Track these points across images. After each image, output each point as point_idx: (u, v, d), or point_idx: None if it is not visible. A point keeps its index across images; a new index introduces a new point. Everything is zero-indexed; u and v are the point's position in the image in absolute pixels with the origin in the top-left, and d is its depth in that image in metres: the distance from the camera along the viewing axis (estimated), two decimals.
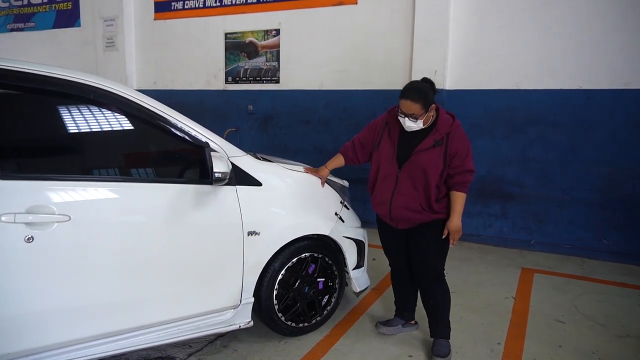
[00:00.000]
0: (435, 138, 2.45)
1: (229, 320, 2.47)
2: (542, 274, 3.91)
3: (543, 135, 4.38)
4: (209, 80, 6.00)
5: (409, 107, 2.38)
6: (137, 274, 2.14)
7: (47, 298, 1.94)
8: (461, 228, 2.54)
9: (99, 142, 2.26)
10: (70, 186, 1.97)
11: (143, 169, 2.32)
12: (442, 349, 2.59)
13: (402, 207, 2.53)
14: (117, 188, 2.08)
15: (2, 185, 1.82)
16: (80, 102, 2.10)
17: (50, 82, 2.00)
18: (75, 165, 2.16)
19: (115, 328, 2.14)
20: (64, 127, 2.10)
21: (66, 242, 1.94)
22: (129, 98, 2.16)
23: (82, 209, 1.97)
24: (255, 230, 2.43)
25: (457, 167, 2.46)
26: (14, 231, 1.82)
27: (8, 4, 7.64)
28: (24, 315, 1.90)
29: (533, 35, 4.30)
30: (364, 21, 4.94)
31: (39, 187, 1.90)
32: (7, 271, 1.83)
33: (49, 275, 1.93)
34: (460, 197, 2.50)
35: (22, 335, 1.91)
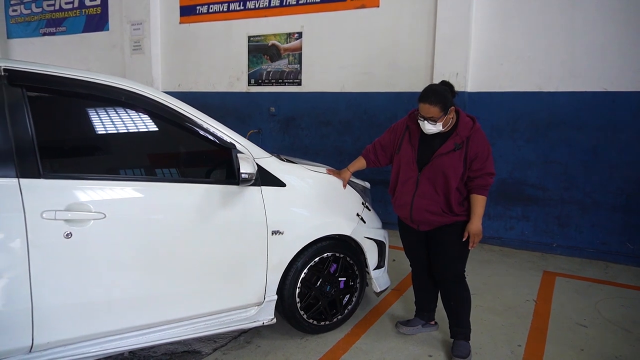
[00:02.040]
0: (455, 141, 2.47)
1: (253, 317, 2.55)
2: (564, 278, 3.89)
3: (566, 137, 4.34)
4: (232, 83, 6.12)
5: (428, 110, 2.41)
6: (167, 270, 2.23)
7: (83, 291, 2.04)
8: (481, 231, 2.55)
9: (132, 144, 2.37)
10: (105, 185, 2.07)
11: (173, 169, 2.41)
12: (462, 350, 2.61)
13: (422, 209, 2.55)
14: (148, 187, 2.18)
15: (43, 184, 1.93)
16: (115, 105, 2.21)
17: (86, 86, 2.11)
18: (110, 165, 2.27)
19: (146, 321, 2.23)
20: (100, 130, 2.21)
21: (101, 239, 2.04)
22: (159, 101, 2.25)
23: (116, 207, 2.07)
24: (279, 230, 2.50)
25: (477, 170, 2.47)
26: (55, 227, 1.93)
27: (41, 9, 7.92)
28: (62, 306, 2.00)
29: (557, 38, 4.27)
30: (386, 24, 4.97)
31: (77, 186, 2.01)
32: (47, 265, 1.94)
33: (86, 269, 2.03)
34: (481, 200, 2.51)
35: (60, 325, 2.01)
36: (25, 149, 1.91)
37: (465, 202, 2.55)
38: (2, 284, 1.86)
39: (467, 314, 2.69)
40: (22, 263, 1.88)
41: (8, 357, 1.94)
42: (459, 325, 2.68)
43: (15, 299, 1.89)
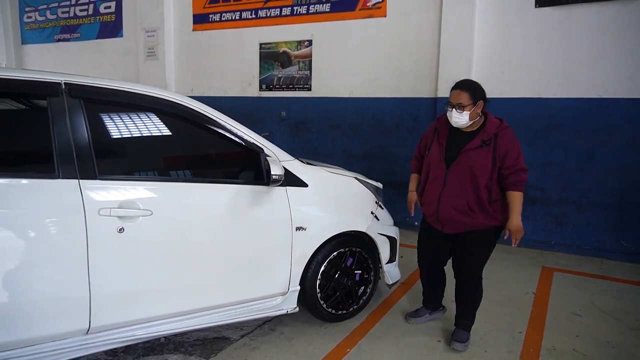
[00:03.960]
0: (483, 138, 2.55)
1: (278, 305, 2.80)
2: (561, 273, 4.15)
3: (563, 141, 4.60)
4: (244, 88, 6.38)
5: (458, 96, 2.53)
6: (204, 261, 2.49)
7: (133, 280, 2.30)
8: (522, 227, 2.59)
9: (174, 148, 2.63)
10: (151, 185, 2.33)
11: (209, 170, 2.67)
12: (461, 336, 2.80)
13: (449, 207, 2.62)
14: (188, 187, 2.44)
15: (99, 184, 2.18)
16: (159, 113, 2.47)
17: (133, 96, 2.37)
18: (156, 167, 2.52)
19: (184, 308, 2.48)
20: (146, 135, 2.48)
21: (148, 233, 2.29)
22: (197, 109, 2.51)
23: (161, 205, 2.31)
24: (302, 226, 2.76)
25: (510, 166, 2.52)
26: (109, 223, 2.18)
27: (55, 16, 8.17)
28: (115, 294, 2.25)
29: (554, 47, 4.53)
30: (393, 33, 5.24)
31: (127, 186, 2.26)
32: (103, 256, 2.18)
33: (135, 261, 2.28)
34: (518, 196, 2.55)
35: (113, 311, 2.26)
36: (83, 153, 2.16)
37: (496, 204, 2.59)
38: (65, 272, 2.11)
39: (475, 310, 2.85)
40: (82, 254, 2.13)
41: (68, 338, 2.19)
42: (465, 317, 2.84)
43: (76, 287, 2.14)
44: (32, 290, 2.05)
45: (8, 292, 2.00)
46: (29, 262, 2.04)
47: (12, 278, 2.01)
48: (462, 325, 2.84)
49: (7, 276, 1.99)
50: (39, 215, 2.05)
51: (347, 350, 2.76)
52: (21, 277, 2.02)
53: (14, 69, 2.22)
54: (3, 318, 2.01)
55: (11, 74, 2.13)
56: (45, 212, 2.07)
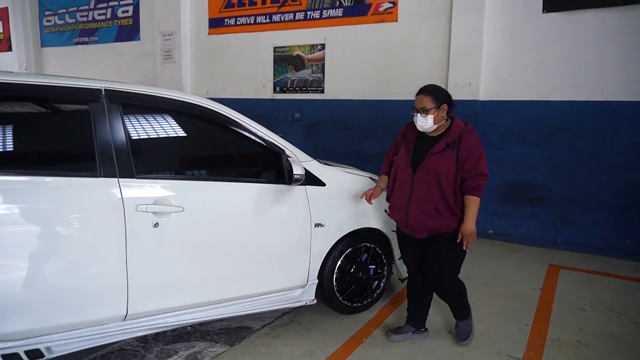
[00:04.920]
0: (447, 141, 2.56)
1: (298, 297, 2.98)
2: (567, 270, 4.29)
3: (570, 143, 4.74)
4: (258, 90, 6.57)
5: (421, 100, 2.58)
6: (230, 255, 2.67)
7: (166, 271, 2.48)
8: (475, 232, 2.57)
9: (202, 149, 2.83)
10: (183, 184, 2.52)
11: (234, 170, 2.85)
12: (463, 331, 2.86)
13: (418, 211, 2.62)
14: (216, 186, 2.62)
15: (137, 182, 2.37)
16: (189, 117, 2.66)
17: (167, 101, 2.57)
18: (187, 167, 2.72)
19: (212, 298, 2.67)
20: (178, 137, 2.67)
21: (180, 228, 2.48)
22: (224, 113, 2.69)
23: (192, 202, 2.50)
24: (321, 223, 2.94)
25: (469, 170, 2.52)
26: (146, 218, 2.37)
27: (74, 19, 8.42)
28: (150, 284, 2.44)
29: (561, 51, 4.67)
30: (404, 37, 5.40)
31: (161, 184, 2.45)
32: (140, 249, 2.37)
33: (168, 254, 2.47)
34: (474, 201, 2.54)
35: (148, 299, 2.45)
36: (122, 154, 2.35)
37: (462, 206, 2.59)
38: (107, 263, 2.31)
39: (464, 301, 2.86)
40: (121, 246, 2.32)
41: (108, 324, 2.38)
42: (458, 309, 2.89)
43: (116, 276, 2.33)
44: (78, 278, 2.24)
45: (57, 280, 2.19)
46: (76, 253, 2.23)
47: (61, 267, 2.20)
48: (460, 317, 2.89)
49: (55, 266, 2.19)
50: (83, 211, 2.24)
51: (363, 340, 2.93)
52: (68, 267, 2.22)
53: (56, 76, 2.40)
54: (53, 303, 2.21)
55: (56, 81, 2.32)
56: (89, 208, 2.26)
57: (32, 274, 2.14)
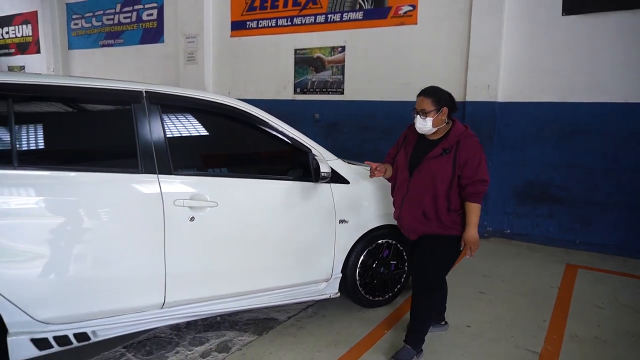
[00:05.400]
0: (444, 146, 2.51)
1: (322, 290, 3.11)
2: (585, 270, 4.34)
3: (589, 144, 4.78)
4: (279, 91, 6.73)
5: (421, 102, 2.55)
6: (260, 248, 2.81)
7: (201, 263, 2.63)
8: (478, 239, 2.51)
9: (234, 147, 2.99)
10: (217, 180, 2.68)
11: (264, 168, 2.99)
12: (404, 354, 2.64)
13: (408, 213, 2.62)
14: (247, 182, 2.77)
15: (175, 179, 2.51)
16: (222, 117, 2.81)
17: (202, 103, 2.72)
18: (220, 164, 2.87)
19: (243, 289, 2.81)
20: (212, 136, 2.83)
21: (214, 222, 2.62)
22: (255, 114, 2.84)
23: (225, 198, 2.64)
24: (345, 219, 3.06)
25: (469, 177, 2.45)
26: (183, 212, 2.52)
27: (101, 23, 8.69)
28: (186, 274, 2.59)
29: (581, 53, 4.71)
30: (423, 40, 5.49)
31: (197, 180, 2.60)
32: (177, 241, 2.52)
33: (203, 246, 2.62)
34: (474, 207, 2.48)
35: (183, 289, 2.60)
36: (161, 151, 2.50)
37: (456, 214, 2.53)
38: (147, 254, 2.46)
39: (423, 325, 2.68)
40: (160, 239, 2.47)
41: (147, 311, 2.54)
42: (412, 331, 2.69)
43: (155, 266, 2.48)
44: (121, 268, 2.41)
45: (102, 269, 2.36)
46: (119, 244, 2.39)
47: (106, 257, 2.36)
48: (409, 341, 2.68)
49: (101, 256, 2.35)
50: (126, 205, 2.41)
51: (384, 332, 3.05)
52: (113, 257, 2.38)
53: (99, 79, 2.57)
54: (99, 291, 2.37)
55: (101, 84, 2.49)
56: (132, 202, 2.42)
57: (81, 263, 2.31)
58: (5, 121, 2.22)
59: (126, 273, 2.43)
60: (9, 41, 10.46)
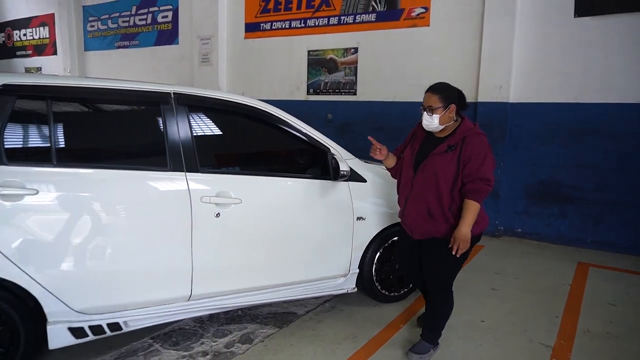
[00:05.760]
0: (449, 143, 2.48)
1: (340, 285, 3.21)
2: (597, 268, 4.40)
3: (600, 144, 4.84)
4: (292, 92, 6.84)
5: (428, 98, 2.51)
6: (281, 244, 2.92)
7: (225, 257, 2.75)
8: (468, 239, 2.43)
9: (257, 146, 3.10)
10: (241, 178, 2.79)
11: (285, 166, 3.10)
12: (419, 347, 2.71)
13: (413, 212, 2.59)
14: (269, 180, 2.88)
15: (201, 176, 2.63)
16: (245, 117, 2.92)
17: (228, 104, 2.83)
18: (243, 163, 2.99)
19: (264, 283, 2.92)
20: (236, 136, 2.94)
21: (238, 219, 2.73)
22: (278, 115, 2.95)
23: (249, 195, 2.76)
24: (362, 216, 3.16)
25: (470, 174, 2.42)
26: (209, 209, 2.63)
27: (116, 25, 8.87)
28: (212, 268, 2.70)
29: (593, 55, 4.77)
30: (436, 41, 5.57)
31: (222, 178, 2.71)
32: (204, 236, 2.64)
33: (228, 241, 2.74)
34: (471, 205, 2.41)
35: (209, 282, 2.72)
36: (188, 150, 2.62)
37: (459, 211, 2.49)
38: (175, 248, 2.58)
39: (442, 322, 2.76)
40: (187, 233, 2.58)
41: (174, 303, 2.66)
42: (428, 328, 2.76)
43: (183, 260, 2.60)
44: (151, 261, 2.53)
45: (133, 262, 2.48)
46: (149, 239, 2.51)
47: (136, 251, 2.49)
48: (425, 337, 2.76)
49: (132, 250, 2.47)
50: (156, 201, 2.53)
51: (400, 326, 3.14)
52: (143, 251, 2.50)
53: (129, 81, 2.68)
54: (131, 283, 2.49)
55: (131, 86, 2.61)
56: (161, 199, 2.55)
57: (114, 256, 2.43)
58: (44, 121, 2.35)
59: (156, 267, 2.56)
60: (26, 43, 10.69)
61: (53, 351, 2.40)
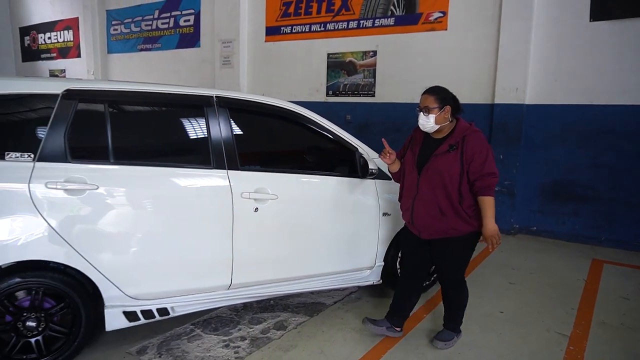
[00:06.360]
0: (450, 143, 2.60)
1: (366, 277, 3.41)
2: (611, 265, 4.54)
3: (614, 144, 4.97)
4: (312, 93, 7.04)
5: (425, 99, 2.65)
6: (313, 237, 3.13)
7: (262, 249, 2.96)
8: (497, 231, 2.56)
9: (290, 145, 3.31)
10: (277, 176, 2.99)
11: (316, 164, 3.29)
12: (444, 335, 2.88)
13: (423, 212, 2.67)
14: (303, 178, 3.08)
15: (241, 174, 2.84)
16: (280, 119, 3.13)
17: (264, 106, 3.05)
18: (279, 161, 3.20)
19: (297, 274, 3.13)
20: (272, 136, 3.16)
21: (275, 213, 2.94)
22: (309, 116, 3.16)
23: (284, 191, 2.96)
24: (387, 212, 3.35)
25: (476, 171, 2.53)
26: (249, 204, 2.84)
27: (139, 28, 9.13)
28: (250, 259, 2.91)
29: (607, 57, 4.90)
30: (453, 44, 5.74)
31: (260, 176, 2.92)
32: (243, 229, 2.85)
33: (265, 235, 2.95)
34: (488, 200, 2.53)
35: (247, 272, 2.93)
36: (229, 149, 2.83)
37: (469, 209, 2.59)
38: (218, 240, 2.79)
39: (460, 311, 2.91)
40: (229, 227, 2.80)
41: (215, 291, 2.87)
42: (450, 319, 2.92)
43: (224, 252, 2.81)
44: (197, 252, 2.75)
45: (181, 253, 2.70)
46: (194, 231, 2.73)
47: (184, 243, 2.70)
48: (448, 326, 2.92)
49: (180, 241, 2.69)
50: (200, 196, 2.76)
51: (424, 316, 3.33)
52: (190, 242, 2.72)
53: (174, 86, 2.90)
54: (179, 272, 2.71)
55: (177, 90, 2.83)
56: (205, 194, 2.77)
57: (163, 247, 2.65)
58: (102, 122, 2.58)
59: (200, 257, 2.78)
60: (50, 46, 11.03)
61: (106, 334, 2.63)
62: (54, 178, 2.37)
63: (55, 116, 2.44)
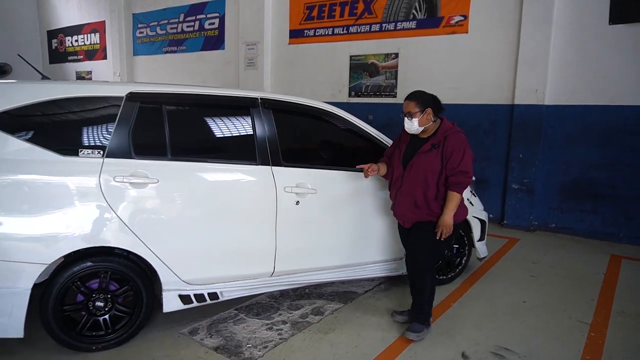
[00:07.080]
0: (433, 142, 2.84)
1: (395, 268, 3.63)
2: (629, 260, 4.69)
3: (633, 144, 5.11)
4: (334, 94, 7.27)
5: (407, 105, 2.89)
6: (349, 229, 3.36)
7: (303, 240, 3.19)
8: (451, 226, 2.80)
9: (328, 144, 3.53)
10: (316, 171, 3.22)
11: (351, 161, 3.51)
12: (415, 327, 2.93)
13: (402, 204, 2.95)
14: (339, 174, 3.30)
15: (284, 170, 3.07)
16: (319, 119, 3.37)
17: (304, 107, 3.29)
18: (318, 158, 3.43)
19: (334, 264, 3.37)
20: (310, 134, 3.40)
21: (314, 206, 3.17)
22: (346, 117, 3.40)
23: (322, 186, 3.19)
24: None
25: (452, 168, 2.77)
26: (290, 197, 3.08)
27: (165, 31, 9.44)
28: (291, 248, 3.15)
29: (627, 59, 5.05)
30: (474, 47, 5.92)
31: (301, 171, 3.15)
32: (286, 221, 3.08)
33: (305, 226, 3.18)
34: (453, 196, 2.78)
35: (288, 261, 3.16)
36: (273, 146, 3.07)
37: (442, 202, 2.83)
38: (263, 230, 3.03)
39: (425, 304, 2.96)
40: (272, 218, 3.04)
41: (259, 278, 3.12)
42: (416, 310, 3.00)
43: (267, 242, 3.05)
44: (244, 241, 3.00)
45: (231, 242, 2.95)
46: (242, 222, 2.98)
47: (233, 233, 2.95)
48: (416, 319, 2.98)
49: (230, 231, 2.94)
50: (248, 190, 3.00)
51: (451, 304, 3.53)
52: (238, 232, 2.97)
53: (221, 88, 3.15)
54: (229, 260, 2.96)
55: (226, 92, 3.08)
56: (251, 188, 3.01)
57: (215, 236, 2.90)
58: (160, 122, 2.83)
59: (247, 246, 3.02)
60: (78, 48, 11.41)
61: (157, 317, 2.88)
62: (121, 172, 2.62)
63: (120, 116, 2.70)
